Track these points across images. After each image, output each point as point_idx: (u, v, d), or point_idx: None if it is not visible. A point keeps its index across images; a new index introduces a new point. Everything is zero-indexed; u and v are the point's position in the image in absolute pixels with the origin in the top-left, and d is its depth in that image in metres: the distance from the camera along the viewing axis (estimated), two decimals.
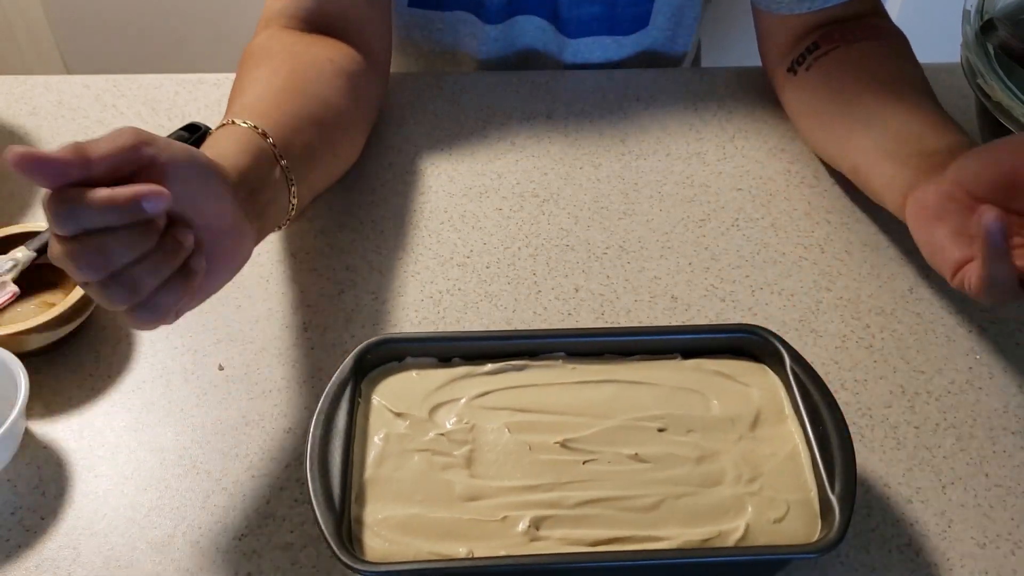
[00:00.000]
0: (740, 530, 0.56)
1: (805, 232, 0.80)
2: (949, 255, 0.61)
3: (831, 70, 0.82)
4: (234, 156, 0.60)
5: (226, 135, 0.63)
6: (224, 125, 0.64)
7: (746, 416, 0.61)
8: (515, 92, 0.92)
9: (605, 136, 0.89)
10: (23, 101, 0.91)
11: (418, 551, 0.54)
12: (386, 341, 0.63)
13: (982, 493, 0.64)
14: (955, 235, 0.62)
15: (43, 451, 0.65)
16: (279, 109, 0.68)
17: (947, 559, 0.61)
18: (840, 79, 0.81)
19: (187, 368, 0.70)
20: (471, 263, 0.77)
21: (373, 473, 0.58)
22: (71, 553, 0.60)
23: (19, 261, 0.70)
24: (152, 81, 0.93)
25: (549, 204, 0.82)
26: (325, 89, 0.74)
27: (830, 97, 0.81)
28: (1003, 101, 0.74)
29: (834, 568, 0.60)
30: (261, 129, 0.64)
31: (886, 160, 0.72)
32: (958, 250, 0.61)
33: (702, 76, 0.95)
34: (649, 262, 0.78)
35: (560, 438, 0.59)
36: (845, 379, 0.70)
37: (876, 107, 0.76)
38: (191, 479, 0.64)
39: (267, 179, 0.63)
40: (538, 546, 0.55)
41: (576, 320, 0.74)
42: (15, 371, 0.63)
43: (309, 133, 0.70)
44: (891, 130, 0.73)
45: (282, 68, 0.73)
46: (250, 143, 0.63)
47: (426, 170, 0.85)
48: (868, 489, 0.64)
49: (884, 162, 0.72)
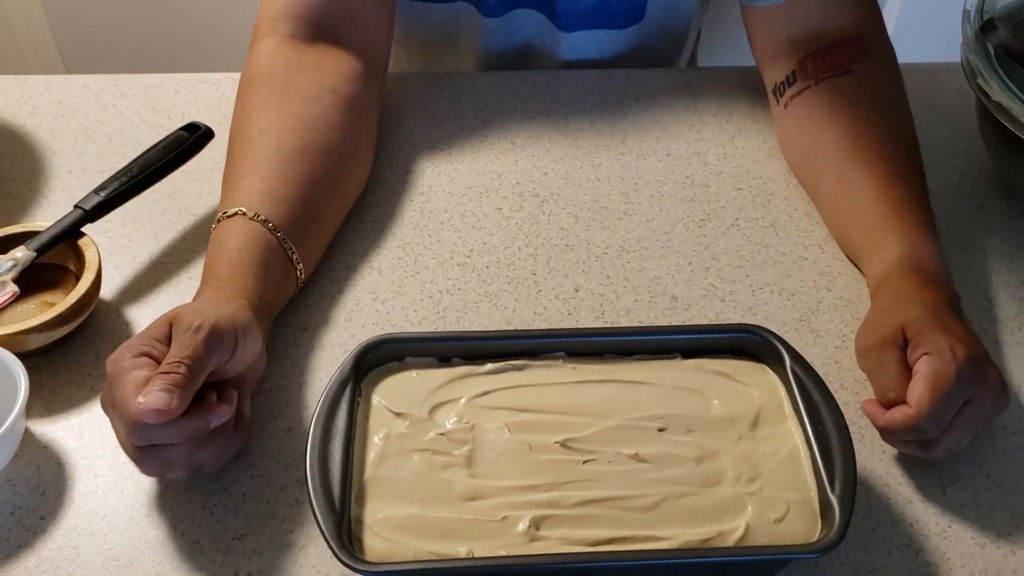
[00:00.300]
0: (740, 530, 0.56)
1: (805, 232, 0.80)
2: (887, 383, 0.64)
3: (800, 120, 0.82)
4: (254, 278, 0.67)
5: (240, 242, 0.68)
6: (236, 215, 0.69)
7: (746, 416, 0.61)
8: (515, 92, 0.92)
9: (605, 136, 0.89)
10: (23, 101, 0.91)
11: (418, 551, 0.54)
12: (386, 341, 0.63)
13: (982, 493, 0.64)
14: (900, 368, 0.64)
15: (43, 451, 0.65)
16: (287, 187, 0.72)
17: (947, 559, 0.61)
18: (806, 135, 0.82)
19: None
20: (471, 263, 0.77)
21: (373, 473, 0.58)
22: (71, 553, 0.60)
23: (19, 261, 0.70)
24: (152, 81, 0.93)
25: (549, 204, 0.82)
26: (331, 135, 0.76)
27: (798, 152, 0.83)
28: (1003, 101, 0.74)
29: (834, 568, 0.60)
30: (272, 223, 0.69)
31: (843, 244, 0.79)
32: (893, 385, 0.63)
33: (702, 76, 0.95)
34: (649, 262, 0.78)
35: (560, 438, 0.59)
36: (845, 379, 0.70)
37: (828, 191, 0.79)
38: (191, 479, 0.64)
39: (281, 286, 0.70)
40: (538, 546, 0.55)
41: (576, 320, 0.74)
42: (15, 371, 0.63)
43: (317, 200, 0.74)
44: (841, 223, 0.78)
45: (287, 122, 0.75)
46: (265, 250, 0.68)
47: (426, 170, 0.85)
48: (868, 489, 0.64)
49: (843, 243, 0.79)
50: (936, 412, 0.60)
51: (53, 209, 0.81)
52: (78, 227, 0.72)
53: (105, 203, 0.74)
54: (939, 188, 0.84)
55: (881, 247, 0.72)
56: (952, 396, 0.60)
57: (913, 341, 0.63)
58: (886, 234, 0.72)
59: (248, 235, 0.68)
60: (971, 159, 0.87)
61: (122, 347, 0.60)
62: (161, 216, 0.80)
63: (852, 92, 0.80)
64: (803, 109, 0.82)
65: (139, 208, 0.80)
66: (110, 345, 0.71)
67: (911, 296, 0.67)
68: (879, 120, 0.79)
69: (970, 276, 0.77)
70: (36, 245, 0.70)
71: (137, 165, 0.76)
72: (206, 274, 0.68)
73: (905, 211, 0.73)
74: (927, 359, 0.61)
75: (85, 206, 0.73)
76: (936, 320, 0.64)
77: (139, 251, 0.78)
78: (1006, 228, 0.81)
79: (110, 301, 0.74)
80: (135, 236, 0.79)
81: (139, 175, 0.76)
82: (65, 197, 0.82)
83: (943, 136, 0.89)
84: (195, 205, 0.81)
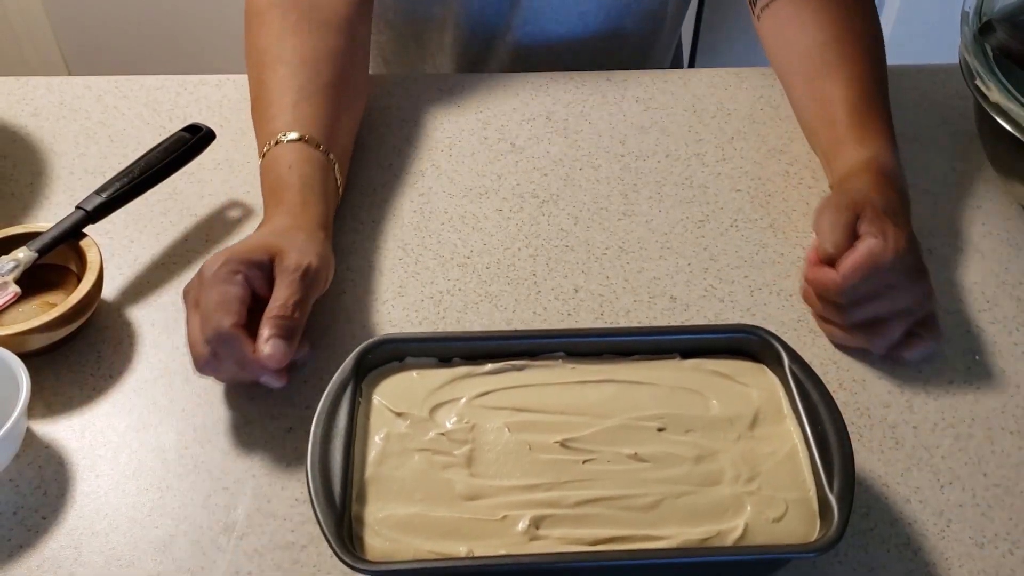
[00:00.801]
0: (739, 529, 0.56)
1: (804, 233, 0.81)
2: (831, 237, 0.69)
3: (772, 30, 0.86)
4: (321, 203, 0.73)
5: (300, 168, 0.73)
6: (287, 142, 0.74)
7: (745, 416, 0.61)
8: (515, 94, 0.93)
9: (604, 137, 0.89)
10: (25, 102, 0.91)
11: (418, 550, 0.55)
12: (386, 341, 0.63)
13: (980, 493, 0.64)
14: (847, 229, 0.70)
15: (45, 451, 0.65)
16: (315, 105, 0.77)
17: (945, 558, 0.61)
18: (778, 45, 0.86)
19: (188, 368, 0.70)
20: (471, 263, 0.78)
21: (374, 472, 0.58)
22: (72, 553, 0.60)
23: (21, 262, 0.70)
24: (154, 82, 0.93)
25: (549, 205, 0.83)
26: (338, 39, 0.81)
27: (774, 60, 0.87)
28: (1001, 102, 0.74)
29: (832, 567, 0.61)
30: (320, 143, 0.75)
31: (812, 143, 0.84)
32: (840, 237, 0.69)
33: (701, 77, 0.96)
34: (648, 262, 0.78)
35: (560, 438, 0.60)
36: (843, 379, 0.70)
37: (798, 97, 0.83)
38: (192, 479, 0.64)
39: (335, 203, 0.76)
40: (538, 545, 0.55)
41: (576, 320, 0.74)
42: (17, 371, 0.63)
43: (338, 107, 0.78)
44: (810, 128, 0.83)
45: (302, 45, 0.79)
46: (321, 171, 0.74)
47: (426, 171, 0.85)
48: (866, 488, 0.64)
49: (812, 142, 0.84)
50: (860, 284, 0.67)
51: (55, 210, 0.81)
52: (80, 228, 0.73)
53: (107, 204, 0.74)
54: (938, 188, 0.84)
55: (843, 151, 0.77)
56: (879, 275, 0.67)
57: (866, 219, 0.69)
58: (849, 139, 0.77)
59: (305, 160, 0.73)
60: (969, 160, 0.87)
61: (223, 254, 0.65)
62: (162, 217, 0.81)
63: (817, 1, 0.83)
64: (774, 20, 0.86)
65: (140, 209, 0.80)
66: (112, 346, 0.71)
67: (872, 189, 0.72)
68: (845, 29, 0.82)
69: (969, 276, 0.77)
70: (38, 246, 0.71)
71: (139, 166, 0.77)
72: (272, 199, 0.72)
73: (866, 118, 0.78)
74: (870, 238, 0.68)
75: (87, 207, 0.73)
76: (890, 213, 0.70)
77: (140, 252, 0.78)
78: (1005, 228, 0.81)
79: (111, 302, 0.74)
80: (136, 237, 0.79)
81: (140, 176, 0.76)
82: (67, 198, 0.82)
83: (942, 137, 0.89)
84: (196, 206, 0.82)
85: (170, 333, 0.72)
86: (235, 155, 0.86)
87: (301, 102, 0.76)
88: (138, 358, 0.71)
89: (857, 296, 0.68)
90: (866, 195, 0.71)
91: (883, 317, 0.69)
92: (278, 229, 0.69)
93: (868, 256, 0.67)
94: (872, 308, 0.69)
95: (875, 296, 0.68)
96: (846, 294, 0.68)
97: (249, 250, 0.65)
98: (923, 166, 0.86)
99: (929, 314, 0.71)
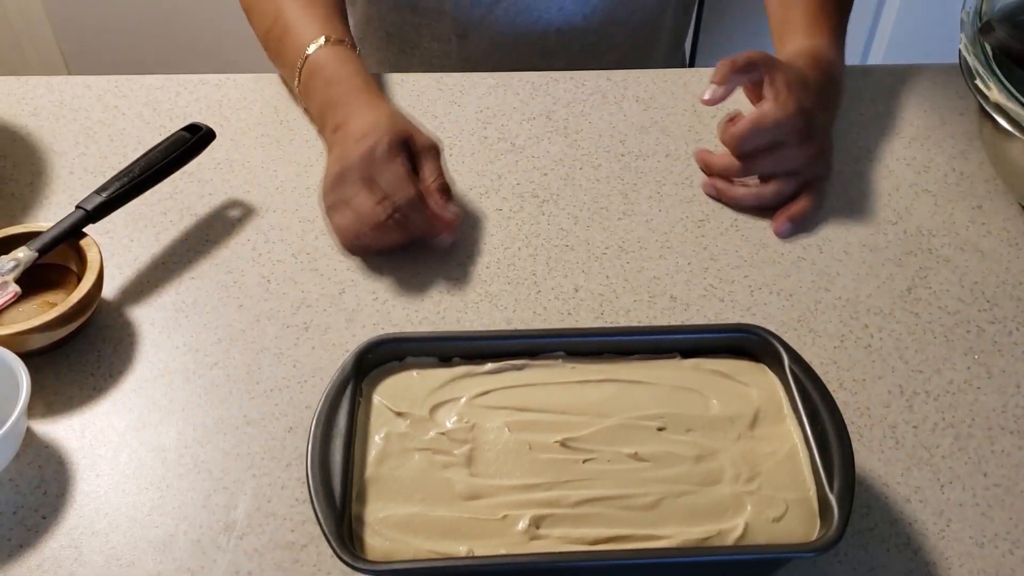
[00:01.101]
0: (739, 529, 0.56)
1: (803, 232, 0.81)
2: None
3: None
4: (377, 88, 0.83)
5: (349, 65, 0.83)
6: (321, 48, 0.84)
7: (745, 415, 0.61)
8: (515, 93, 0.93)
9: (604, 137, 0.89)
10: (25, 102, 0.91)
11: (418, 550, 0.55)
12: (386, 341, 0.63)
13: (980, 492, 0.64)
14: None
15: (45, 450, 0.65)
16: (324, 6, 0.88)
17: (945, 558, 0.61)
18: None
19: (188, 368, 0.70)
20: (471, 263, 0.78)
21: (374, 472, 0.58)
22: (73, 552, 0.60)
23: (21, 261, 0.70)
24: (154, 82, 0.93)
25: (549, 204, 0.83)
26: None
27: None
28: (1001, 102, 0.74)
29: (832, 567, 0.61)
30: (348, 42, 0.85)
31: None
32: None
33: (702, 76, 0.96)
34: (648, 262, 0.78)
35: (560, 437, 0.60)
36: (844, 379, 0.70)
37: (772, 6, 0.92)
38: (192, 478, 0.64)
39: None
40: (538, 545, 0.55)
41: (576, 320, 0.74)
42: (17, 371, 0.63)
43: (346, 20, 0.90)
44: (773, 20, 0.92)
45: None
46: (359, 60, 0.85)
47: None
48: (867, 488, 0.64)
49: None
50: (748, 138, 0.78)
51: (55, 210, 0.81)
52: (80, 227, 0.73)
53: (107, 203, 0.74)
54: (938, 188, 0.85)
55: (792, 39, 0.87)
56: (767, 132, 0.78)
57: (766, 83, 0.79)
58: (799, 31, 0.87)
59: (345, 58, 0.83)
60: (969, 159, 0.87)
61: (382, 139, 0.75)
62: (163, 216, 0.81)
63: None
64: None
65: (140, 208, 0.80)
66: (112, 345, 0.71)
67: (799, 66, 0.82)
68: None
69: (969, 276, 0.78)
70: (38, 245, 0.71)
71: (139, 166, 0.77)
72: (337, 90, 0.81)
73: (820, 20, 0.87)
74: (764, 100, 0.79)
75: (87, 206, 0.73)
76: (798, 82, 0.79)
77: (140, 251, 0.78)
78: (1004, 228, 0.81)
79: (112, 301, 0.74)
80: (137, 236, 0.79)
81: (140, 176, 0.76)
82: (67, 198, 0.82)
83: (941, 137, 0.89)
84: (196, 205, 0.82)
85: (170, 333, 0.72)
86: (235, 155, 0.86)
87: (317, 14, 0.86)
88: (138, 358, 0.71)
89: (747, 148, 0.79)
90: (787, 66, 0.80)
91: (774, 173, 0.80)
92: (387, 114, 0.78)
93: (758, 114, 0.78)
94: (762, 162, 0.80)
95: (766, 152, 0.79)
96: (739, 146, 0.79)
97: (398, 134, 0.76)
98: (923, 166, 0.86)
99: (816, 178, 0.81)
